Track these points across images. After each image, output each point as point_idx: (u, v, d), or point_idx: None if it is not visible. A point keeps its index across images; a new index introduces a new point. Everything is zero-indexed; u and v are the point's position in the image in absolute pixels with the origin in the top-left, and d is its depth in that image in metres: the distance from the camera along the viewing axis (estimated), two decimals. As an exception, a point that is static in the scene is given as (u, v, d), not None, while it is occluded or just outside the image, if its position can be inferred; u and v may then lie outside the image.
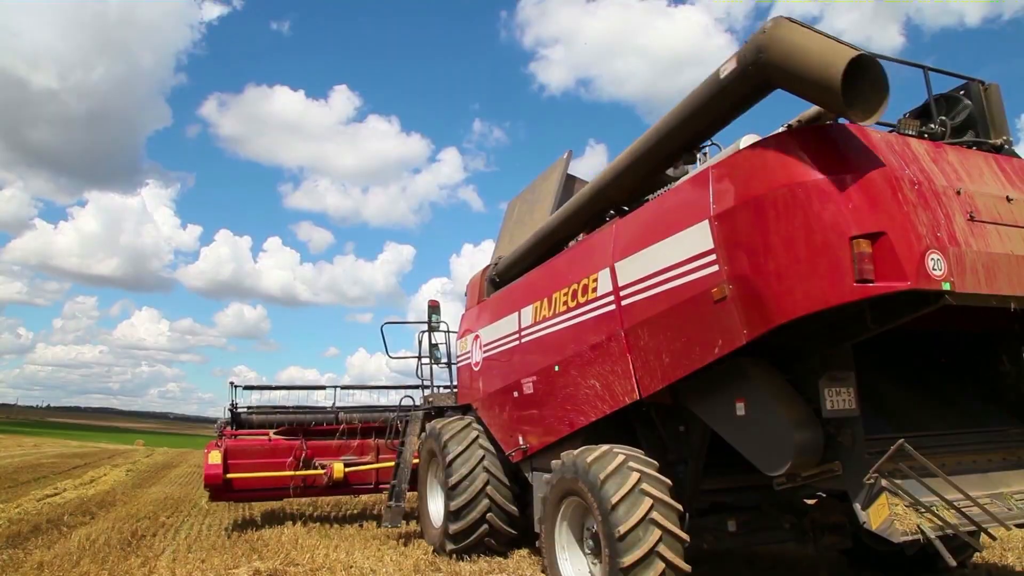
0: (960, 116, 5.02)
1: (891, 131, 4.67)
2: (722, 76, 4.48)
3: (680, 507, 4.91)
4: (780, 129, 4.65)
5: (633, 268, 5.39)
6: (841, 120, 4.47)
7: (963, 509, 4.14)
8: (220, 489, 10.06)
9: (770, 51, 4.08)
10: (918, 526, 4.03)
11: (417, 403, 10.42)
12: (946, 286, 3.85)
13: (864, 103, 3.91)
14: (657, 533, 4.65)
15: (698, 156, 6.12)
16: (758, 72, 4.22)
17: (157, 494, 15.61)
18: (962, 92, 5.08)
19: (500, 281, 8.34)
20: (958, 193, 4.24)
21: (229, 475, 10.00)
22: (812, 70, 3.88)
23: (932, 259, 3.86)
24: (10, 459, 26.27)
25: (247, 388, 11.95)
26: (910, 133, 4.76)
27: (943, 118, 4.94)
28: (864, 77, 3.88)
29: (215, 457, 9.96)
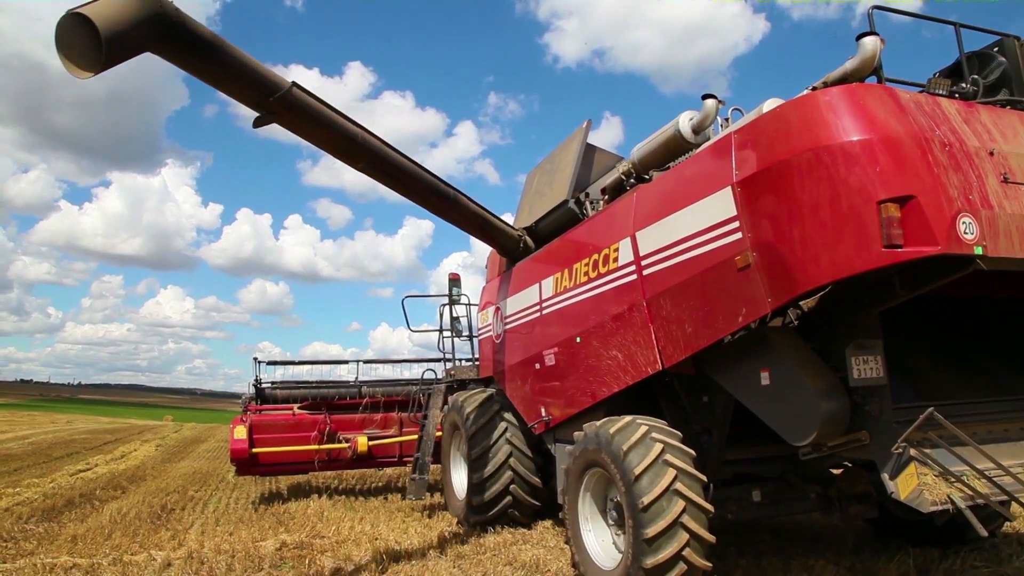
0: (993, 74, 4.84)
1: (921, 91, 4.52)
2: None
3: (704, 478, 4.87)
4: (804, 92, 4.51)
5: (655, 237, 5.30)
6: (869, 79, 4.34)
7: (994, 478, 4.07)
8: (246, 463, 10.21)
9: None
10: (948, 496, 3.96)
11: (439, 376, 10.46)
12: (978, 250, 3.73)
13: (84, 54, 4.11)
14: (681, 504, 4.61)
15: (720, 121, 5.99)
16: None
17: (186, 468, 15.89)
18: (996, 49, 4.88)
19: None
20: (991, 154, 4.10)
21: (255, 450, 10.14)
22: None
23: (963, 222, 3.74)
24: (44, 435, 26.85)
25: (271, 363, 12.12)
26: (941, 93, 4.60)
27: (975, 76, 4.77)
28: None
29: (240, 432, 10.10)
